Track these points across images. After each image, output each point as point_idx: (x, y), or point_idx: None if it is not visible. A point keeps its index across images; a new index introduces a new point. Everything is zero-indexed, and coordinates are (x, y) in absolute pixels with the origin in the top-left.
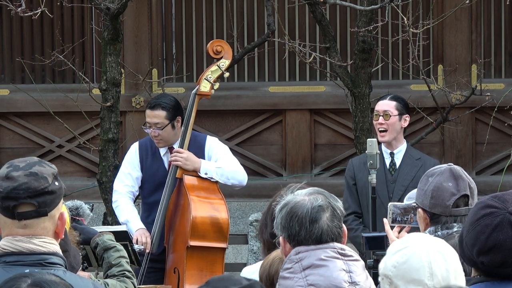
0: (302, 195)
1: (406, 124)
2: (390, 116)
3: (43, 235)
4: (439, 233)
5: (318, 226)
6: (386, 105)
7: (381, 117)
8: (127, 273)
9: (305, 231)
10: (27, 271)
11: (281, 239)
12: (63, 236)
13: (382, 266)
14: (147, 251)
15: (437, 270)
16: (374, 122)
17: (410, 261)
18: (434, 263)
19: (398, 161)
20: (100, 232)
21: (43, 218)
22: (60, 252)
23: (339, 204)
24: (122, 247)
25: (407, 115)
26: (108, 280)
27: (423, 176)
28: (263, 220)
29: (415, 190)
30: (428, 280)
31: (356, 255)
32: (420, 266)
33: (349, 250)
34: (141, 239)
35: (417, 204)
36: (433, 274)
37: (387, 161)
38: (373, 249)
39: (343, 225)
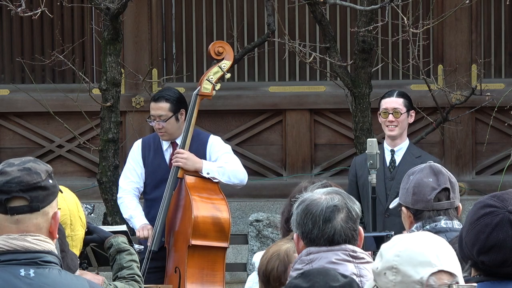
0: (319, 194)
1: (412, 120)
2: (401, 114)
3: (36, 232)
4: (427, 227)
5: (331, 226)
6: (395, 102)
7: (390, 115)
8: (136, 277)
9: (317, 230)
10: (21, 270)
11: (295, 236)
12: (57, 236)
13: (379, 264)
14: (148, 244)
15: (441, 251)
16: (382, 119)
17: (412, 246)
18: (436, 245)
19: (398, 158)
20: (114, 233)
21: (35, 214)
22: (56, 251)
23: (356, 206)
24: (134, 252)
25: (412, 110)
26: (118, 283)
27: (405, 175)
28: (283, 208)
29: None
30: (435, 260)
31: (367, 257)
32: (424, 249)
33: (361, 252)
34: (142, 232)
35: (400, 204)
36: (438, 255)
37: (387, 158)
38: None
39: (360, 227)
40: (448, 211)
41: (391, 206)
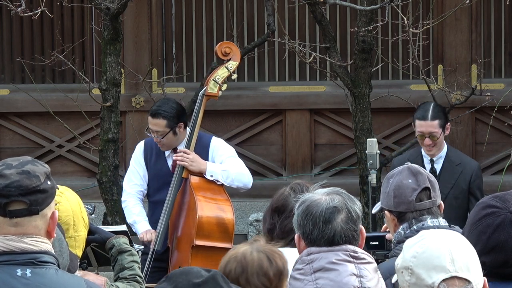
0: (320, 194)
1: (448, 132)
2: (437, 137)
3: (34, 234)
4: (414, 227)
5: (331, 227)
6: (430, 126)
7: (427, 139)
8: (137, 277)
9: (317, 230)
10: (18, 270)
11: (296, 236)
12: (55, 235)
13: (400, 261)
14: (152, 247)
15: (458, 256)
16: (419, 141)
17: (430, 249)
18: (454, 249)
19: (438, 167)
20: (114, 233)
21: (35, 217)
22: (52, 251)
23: (356, 206)
24: (136, 253)
25: (448, 123)
26: (119, 284)
27: (384, 179)
28: (263, 216)
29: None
30: (449, 265)
31: (369, 258)
32: (441, 253)
33: (362, 252)
34: (146, 236)
35: (382, 208)
36: (454, 260)
37: (427, 167)
38: (373, 249)
39: (361, 227)
40: (431, 210)
41: (373, 211)
